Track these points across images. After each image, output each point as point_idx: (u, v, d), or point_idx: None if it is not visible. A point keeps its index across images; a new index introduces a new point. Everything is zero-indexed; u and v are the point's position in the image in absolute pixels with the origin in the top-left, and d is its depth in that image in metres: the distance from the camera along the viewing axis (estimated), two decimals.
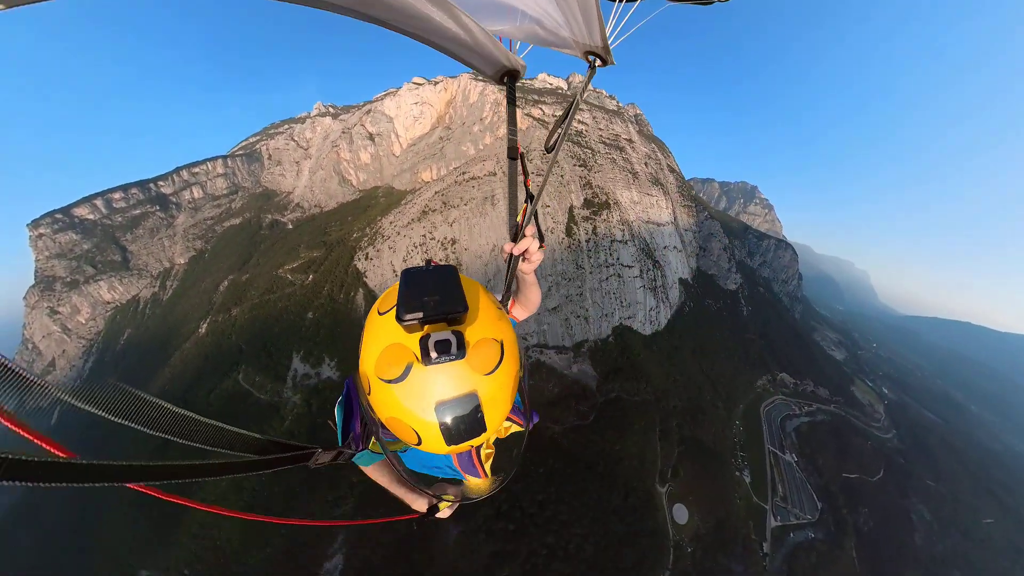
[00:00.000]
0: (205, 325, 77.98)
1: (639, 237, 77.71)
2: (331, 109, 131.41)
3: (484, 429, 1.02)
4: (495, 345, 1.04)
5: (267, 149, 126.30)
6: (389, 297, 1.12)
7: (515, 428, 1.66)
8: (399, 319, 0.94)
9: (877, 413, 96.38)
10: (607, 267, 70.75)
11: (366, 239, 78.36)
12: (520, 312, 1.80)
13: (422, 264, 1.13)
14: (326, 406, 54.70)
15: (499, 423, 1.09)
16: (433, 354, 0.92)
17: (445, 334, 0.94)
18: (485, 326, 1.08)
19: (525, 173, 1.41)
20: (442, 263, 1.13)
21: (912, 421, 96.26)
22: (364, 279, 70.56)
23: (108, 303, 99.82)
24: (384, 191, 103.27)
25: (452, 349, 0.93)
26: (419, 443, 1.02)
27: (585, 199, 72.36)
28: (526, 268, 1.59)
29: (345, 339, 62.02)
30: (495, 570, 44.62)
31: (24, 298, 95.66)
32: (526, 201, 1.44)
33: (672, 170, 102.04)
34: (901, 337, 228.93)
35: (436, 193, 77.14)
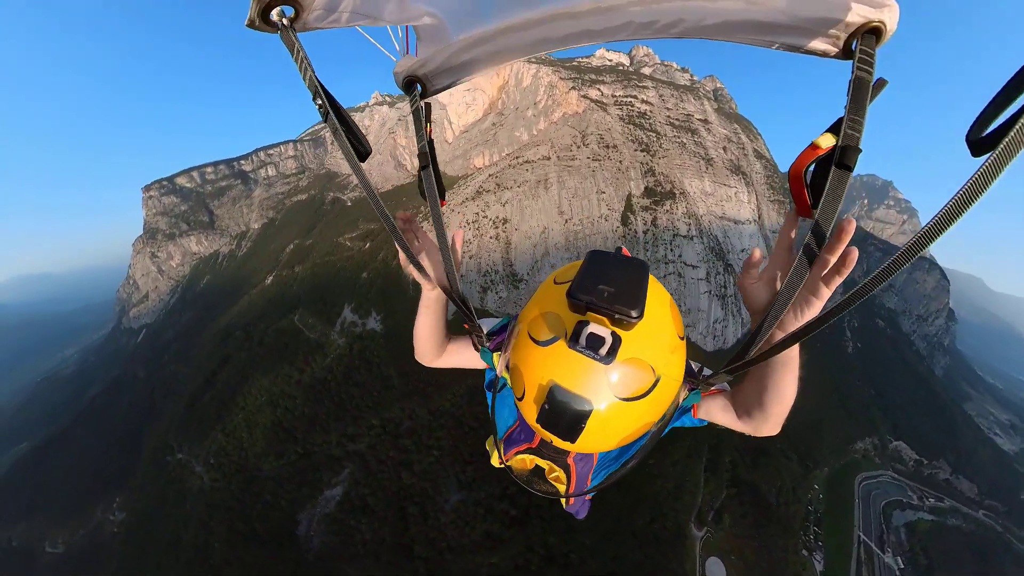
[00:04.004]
0: (271, 278, 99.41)
1: (709, 234, 77.61)
2: (387, 98, 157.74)
3: (571, 441, 1.04)
4: (648, 376, 1.04)
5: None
6: (569, 271, 1.19)
7: (558, 479, 1.60)
8: (569, 295, 1.00)
9: None
10: (666, 263, 73.94)
11: (420, 216, 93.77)
12: (746, 421, 1.32)
13: (612, 250, 1.17)
14: (365, 353, 67.51)
15: (592, 448, 1.12)
16: (582, 342, 0.97)
17: (604, 331, 0.98)
18: (650, 348, 1.05)
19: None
20: (633, 256, 1.14)
21: None
22: None
23: (195, 254, 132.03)
24: None
25: (601, 350, 0.96)
26: (520, 398, 1.14)
27: (646, 187, 76.71)
28: (811, 302, 1.02)
29: (393, 299, 74.96)
30: (484, 551, 47.77)
31: (133, 244, 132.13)
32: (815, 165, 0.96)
33: (760, 156, 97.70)
34: None
35: (490, 176, 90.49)
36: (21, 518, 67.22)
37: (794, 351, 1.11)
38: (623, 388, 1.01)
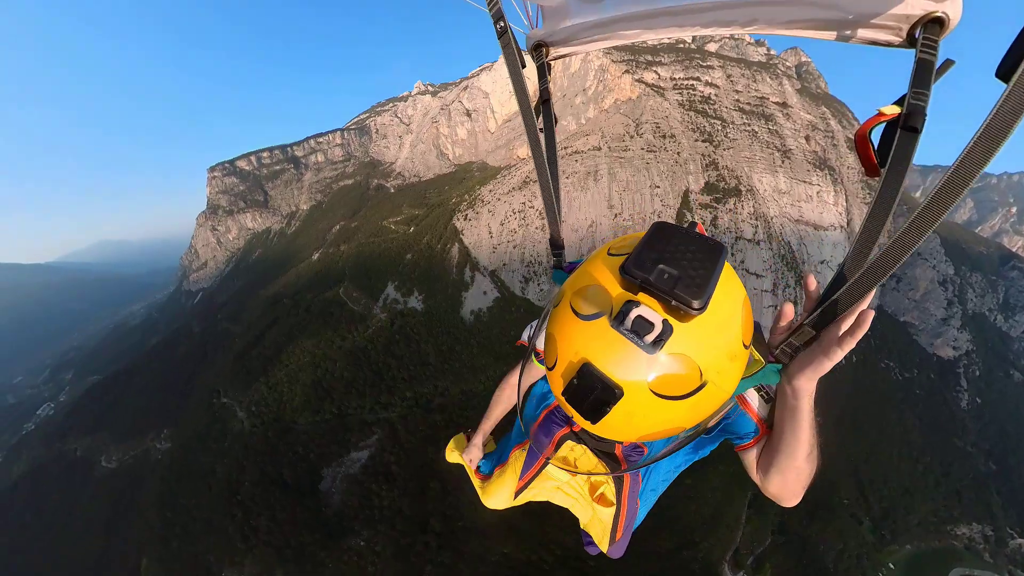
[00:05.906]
0: (317, 254, 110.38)
1: (780, 240, 72.46)
2: (430, 88, 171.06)
3: (592, 422, 1.01)
4: (693, 378, 0.96)
5: (375, 125, 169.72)
6: (627, 242, 1.13)
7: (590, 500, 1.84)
8: (623, 269, 0.93)
9: None
10: None
11: (465, 203, 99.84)
12: (775, 480, 1.32)
13: (684, 225, 1.04)
14: (405, 328, 73.09)
15: (611, 434, 1.09)
16: (627, 324, 0.90)
17: (655, 316, 0.90)
18: (704, 348, 0.96)
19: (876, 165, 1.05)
20: (711, 236, 1.00)
21: None
22: (461, 236, 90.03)
23: (249, 229, 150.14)
24: (479, 166, 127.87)
25: (648, 337, 0.89)
26: (551, 368, 1.11)
27: (707, 182, 74.57)
28: (813, 368, 1.12)
29: (436, 281, 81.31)
30: (498, 539, 49.46)
31: (196, 218, 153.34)
32: (868, 222, 1.09)
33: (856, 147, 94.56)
34: None
35: None
36: (87, 433, 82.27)
37: (804, 415, 1.18)
38: (661, 384, 0.94)
